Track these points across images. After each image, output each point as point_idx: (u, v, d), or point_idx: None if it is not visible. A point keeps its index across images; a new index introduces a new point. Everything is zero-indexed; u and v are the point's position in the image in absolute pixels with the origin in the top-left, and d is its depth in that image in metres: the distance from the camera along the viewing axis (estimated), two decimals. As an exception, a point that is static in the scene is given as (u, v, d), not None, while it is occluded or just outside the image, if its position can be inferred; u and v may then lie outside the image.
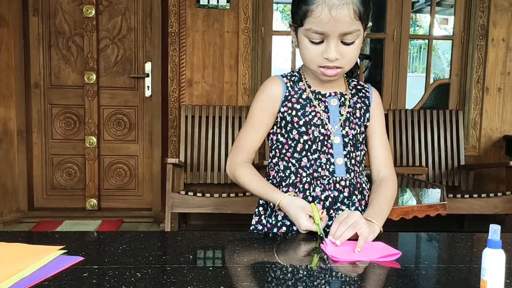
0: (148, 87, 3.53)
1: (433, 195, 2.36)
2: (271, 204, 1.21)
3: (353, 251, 0.95)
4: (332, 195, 1.17)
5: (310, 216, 1.08)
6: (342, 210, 1.17)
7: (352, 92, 1.24)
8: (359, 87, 1.27)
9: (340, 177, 1.18)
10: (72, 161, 3.62)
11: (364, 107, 1.23)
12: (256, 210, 1.27)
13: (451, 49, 3.59)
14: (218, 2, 3.28)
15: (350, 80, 1.27)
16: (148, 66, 3.52)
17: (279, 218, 1.19)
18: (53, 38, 3.49)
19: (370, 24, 1.14)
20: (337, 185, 1.18)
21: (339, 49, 1.08)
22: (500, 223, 0.83)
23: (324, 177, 1.18)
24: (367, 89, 1.27)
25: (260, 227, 1.24)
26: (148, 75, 3.52)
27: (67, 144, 3.60)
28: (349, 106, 1.21)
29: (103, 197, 3.64)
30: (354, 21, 1.06)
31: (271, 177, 1.25)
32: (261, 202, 1.26)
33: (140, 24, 3.51)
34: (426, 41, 3.96)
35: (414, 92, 4.34)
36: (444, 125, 3.43)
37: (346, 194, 1.18)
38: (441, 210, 2.17)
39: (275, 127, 1.22)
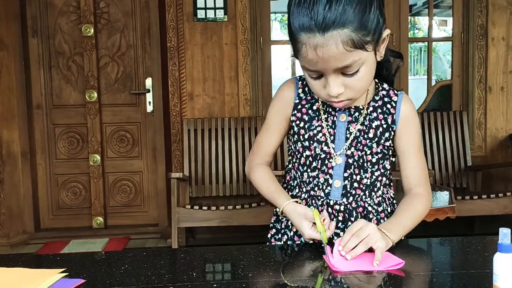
0: (149, 102, 3.54)
1: (441, 198, 2.32)
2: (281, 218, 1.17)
3: (354, 261, 0.92)
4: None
5: (314, 223, 1.03)
6: (338, 234, 1.09)
7: (375, 105, 1.11)
8: (386, 99, 1.12)
9: (334, 201, 1.11)
10: (76, 180, 3.62)
11: (384, 125, 1.10)
12: (271, 224, 1.23)
13: (452, 50, 3.58)
14: (215, 14, 3.29)
15: (381, 87, 1.13)
16: (148, 82, 3.52)
17: (294, 230, 1.15)
18: (53, 59, 3.51)
19: (386, 33, 0.98)
20: (330, 209, 1.11)
21: (342, 82, 0.97)
22: (511, 224, 0.81)
23: (319, 198, 1.12)
24: (395, 102, 1.11)
25: (274, 240, 1.21)
26: (149, 91, 3.52)
27: (71, 164, 3.60)
28: (362, 124, 1.10)
29: (109, 214, 3.63)
30: (348, 53, 0.91)
31: (286, 180, 1.22)
32: (274, 212, 1.23)
33: (139, 40, 3.52)
34: (426, 43, 3.95)
35: (417, 95, 4.32)
36: (448, 127, 3.40)
37: (340, 218, 1.11)
38: (450, 213, 2.14)
39: (291, 130, 1.16)
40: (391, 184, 1.20)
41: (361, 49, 0.92)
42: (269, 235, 1.23)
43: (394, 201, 1.20)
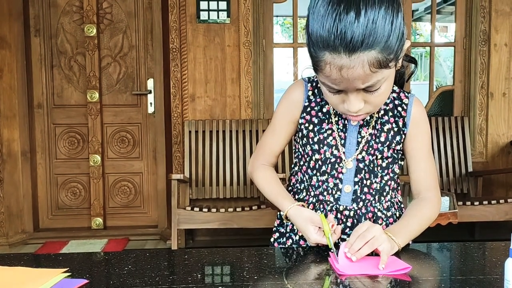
0: (150, 103, 3.53)
1: (443, 204, 2.31)
2: (285, 221, 1.15)
3: (360, 264, 0.91)
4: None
5: (319, 228, 1.01)
6: (344, 240, 1.06)
7: (386, 108, 1.09)
8: (397, 101, 1.10)
9: (344, 206, 1.10)
10: (76, 180, 3.60)
11: (396, 129, 1.09)
12: (274, 228, 1.21)
13: (453, 55, 3.57)
14: (218, 16, 3.29)
15: (392, 90, 1.09)
16: (150, 83, 3.51)
17: (300, 234, 1.13)
18: (55, 58, 3.50)
19: (406, 45, 0.95)
20: (339, 214, 1.10)
21: (362, 98, 0.94)
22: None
23: (328, 203, 1.10)
24: (406, 105, 1.10)
25: (278, 244, 1.20)
26: (150, 92, 3.51)
27: (71, 164, 3.59)
28: (373, 127, 1.08)
29: (109, 215, 3.61)
30: (373, 74, 0.88)
31: (292, 183, 1.20)
32: (278, 215, 1.21)
33: (141, 41, 3.52)
34: (427, 49, 3.95)
35: (418, 100, 4.31)
36: (450, 132, 3.40)
37: (349, 224, 1.10)
38: (452, 219, 2.13)
39: (299, 133, 1.13)
40: (399, 188, 1.18)
41: (385, 68, 0.89)
42: (272, 239, 1.21)
43: (402, 205, 1.19)
